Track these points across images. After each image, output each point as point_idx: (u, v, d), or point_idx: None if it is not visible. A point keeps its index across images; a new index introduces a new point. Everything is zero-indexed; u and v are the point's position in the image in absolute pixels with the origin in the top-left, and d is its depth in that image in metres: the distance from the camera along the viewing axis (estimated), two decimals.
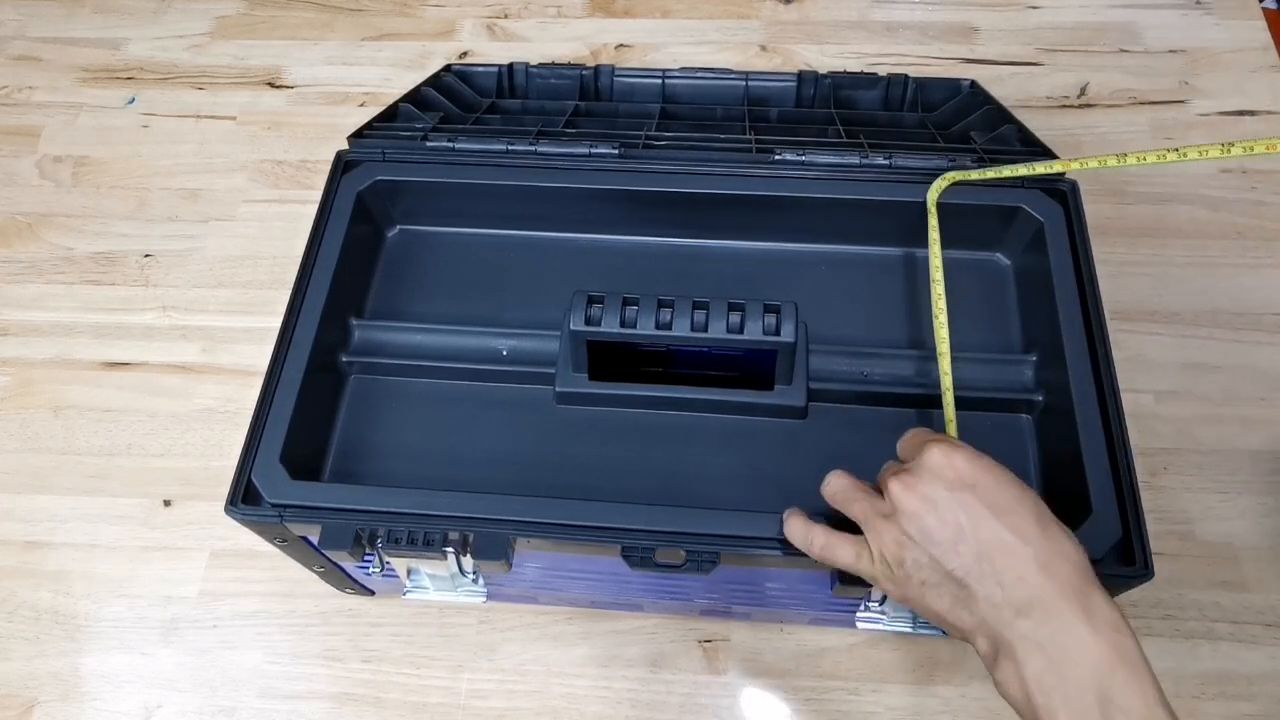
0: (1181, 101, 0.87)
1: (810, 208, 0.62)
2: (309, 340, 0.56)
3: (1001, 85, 0.88)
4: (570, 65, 0.77)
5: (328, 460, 0.58)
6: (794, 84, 0.75)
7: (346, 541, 0.50)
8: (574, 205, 0.63)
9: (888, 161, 0.62)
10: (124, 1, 1.02)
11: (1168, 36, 0.91)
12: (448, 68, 0.76)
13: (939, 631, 0.56)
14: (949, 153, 0.62)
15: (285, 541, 0.54)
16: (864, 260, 0.64)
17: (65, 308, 0.82)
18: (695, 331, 0.54)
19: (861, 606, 0.57)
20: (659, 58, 0.94)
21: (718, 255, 0.65)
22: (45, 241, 0.86)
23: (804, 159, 0.62)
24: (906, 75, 0.74)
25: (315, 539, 0.53)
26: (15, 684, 0.66)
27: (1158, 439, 0.70)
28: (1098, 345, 0.54)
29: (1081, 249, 0.57)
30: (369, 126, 0.66)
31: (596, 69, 0.76)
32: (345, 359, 0.60)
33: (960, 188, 0.60)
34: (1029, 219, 0.59)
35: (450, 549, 0.51)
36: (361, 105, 0.92)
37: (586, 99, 0.76)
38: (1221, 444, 0.69)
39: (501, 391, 0.59)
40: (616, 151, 0.63)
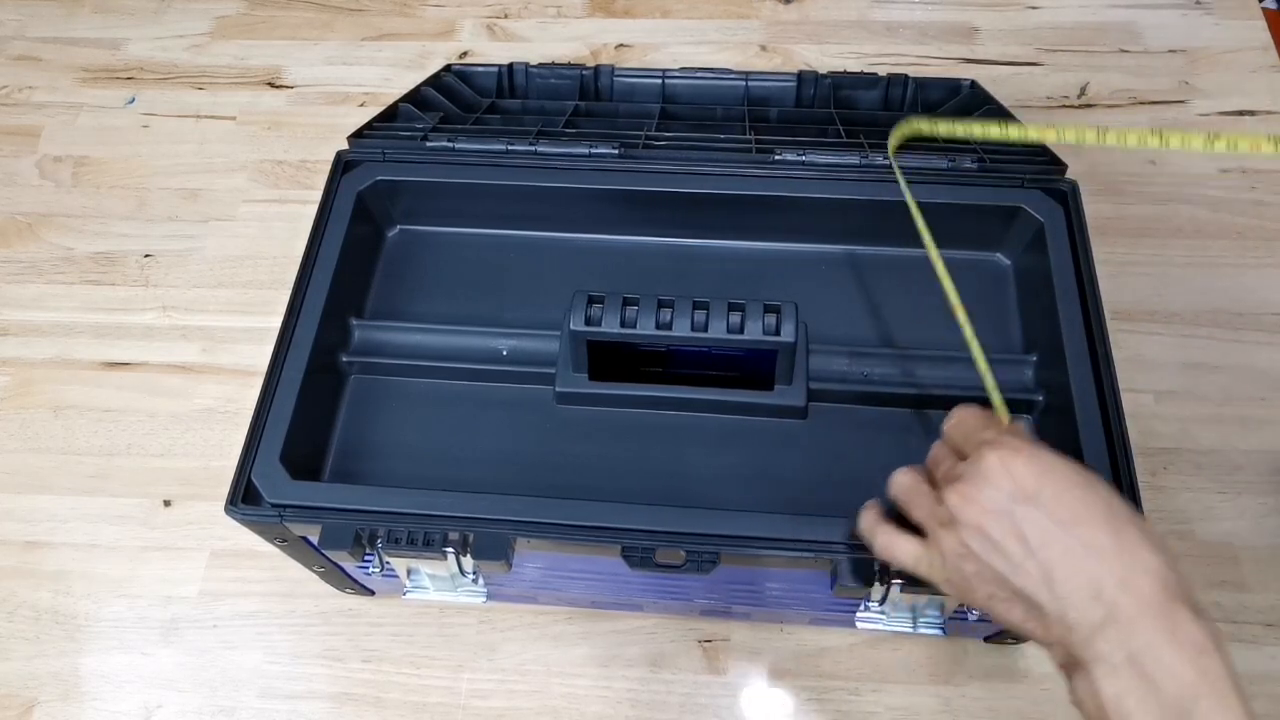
0: (1181, 101, 0.87)
1: (810, 208, 0.62)
2: (309, 340, 0.56)
3: (1001, 85, 0.88)
4: (570, 65, 0.77)
5: (328, 460, 0.58)
6: (794, 84, 0.75)
7: (346, 541, 0.50)
8: (574, 205, 0.63)
9: (887, 161, 0.62)
10: (124, 1, 1.02)
11: (1168, 36, 0.91)
12: (448, 68, 0.76)
13: (939, 631, 0.56)
14: (949, 152, 0.62)
15: (285, 541, 0.54)
16: (864, 260, 0.64)
17: (65, 308, 0.82)
18: (695, 331, 0.54)
19: (861, 606, 0.57)
20: (659, 58, 0.94)
21: (718, 255, 0.65)
22: (45, 241, 0.86)
23: (804, 159, 0.62)
24: (906, 75, 0.74)
25: (315, 539, 0.53)
26: (15, 684, 0.66)
27: (1158, 439, 0.70)
28: (1098, 345, 0.54)
29: (1081, 249, 0.57)
30: (369, 126, 0.66)
31: (596, 69, 0.76)
32: (345, 359, 0.60)
33: (960, 188, 0.60)
34: (1029, 219, 0.59)
35: (450, 549, 0.51)
36: (361, 105, 0.92)
37: (586, 99, 0.76)
38: (1221, 444, 0.69)
39: (501, 391, 0.59)
40: (616, 151, 0.63)
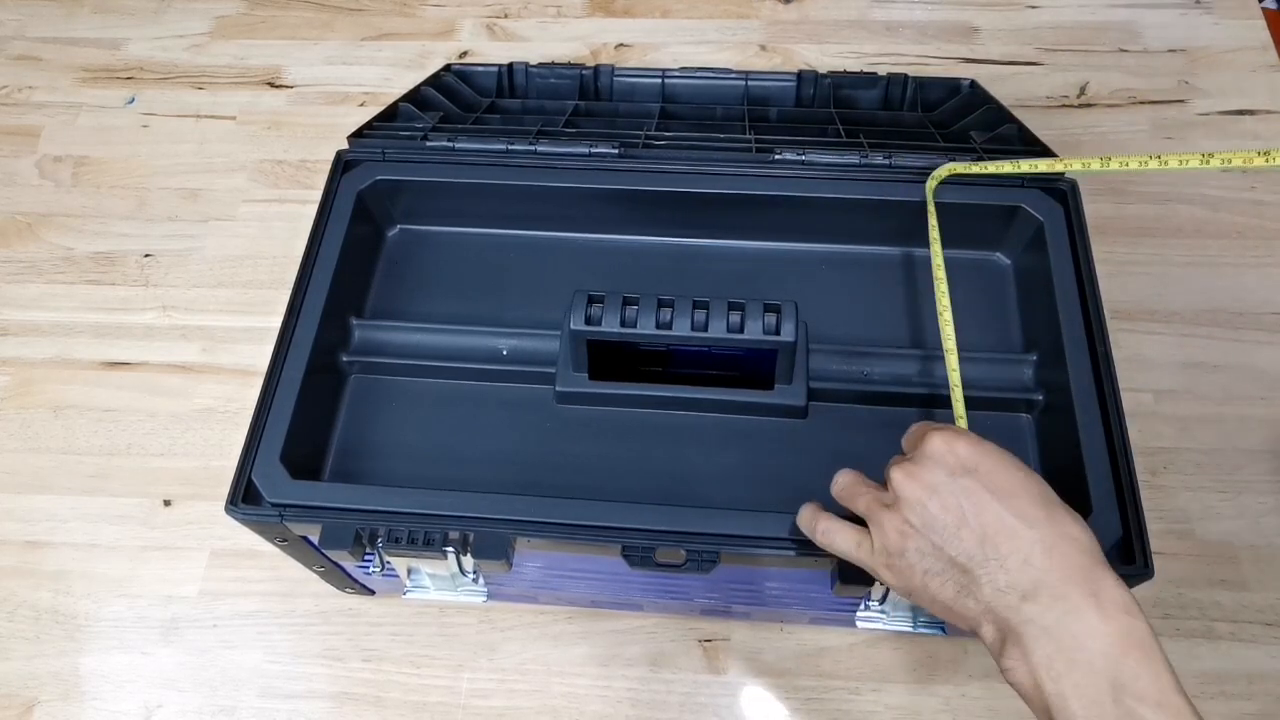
0: (1181, 101, 0.87)
1: (810, 207, 0.62)
2: (309, 340, 0.56)
3: (1001, 85, 0.88)
4: (570, 65, 0.77)
5: (328, 460, 0.58)
6: (794, 84, 0.75)
7: (347, 541, 0.50)
8: (574, 205, 0.63)
9: (887, 161, 0.62)
10: (124, 1, 1.02)
11: (1167, 36, 0.91)
12: (448, 67, 0.76)
13: (939, 631, 0.56)
14: (949, 152, 0.62)
15: (285, 541, 0.54)
16: (864, 260, 0.64)
17: (65, 308, 0.82)
18: (695, 331, 0.54)
19: (861, 606, 0.57)
20: (659, 57, 0.94)
21: (718, 255, 0.65)
22: (45, 241, 0.86)
23: (804, 159, 0.62)
24: (906, 75, 0.74)
25: (315, 539, 0.53)
26: (15, 684, 0.66)
27: (1158, 439, 0.70)
28: (1098, 345, 0.54)
29: (1081, 248, 0.57)
30: (369, 126, 0.66)
31: (596, 69, 0.76)
32: (345, 359, 0.60)
33: (960, 188, 0.60)
34: (1029, 218, 0.59)
35: (450, 549, 0.51)
36: (361, 105, 0.92)
37: (586, 99, 0.76)
38: (1221, 443, 0.69)
39: (501, 391, 0.59)
40: (616, 151, 0.63)
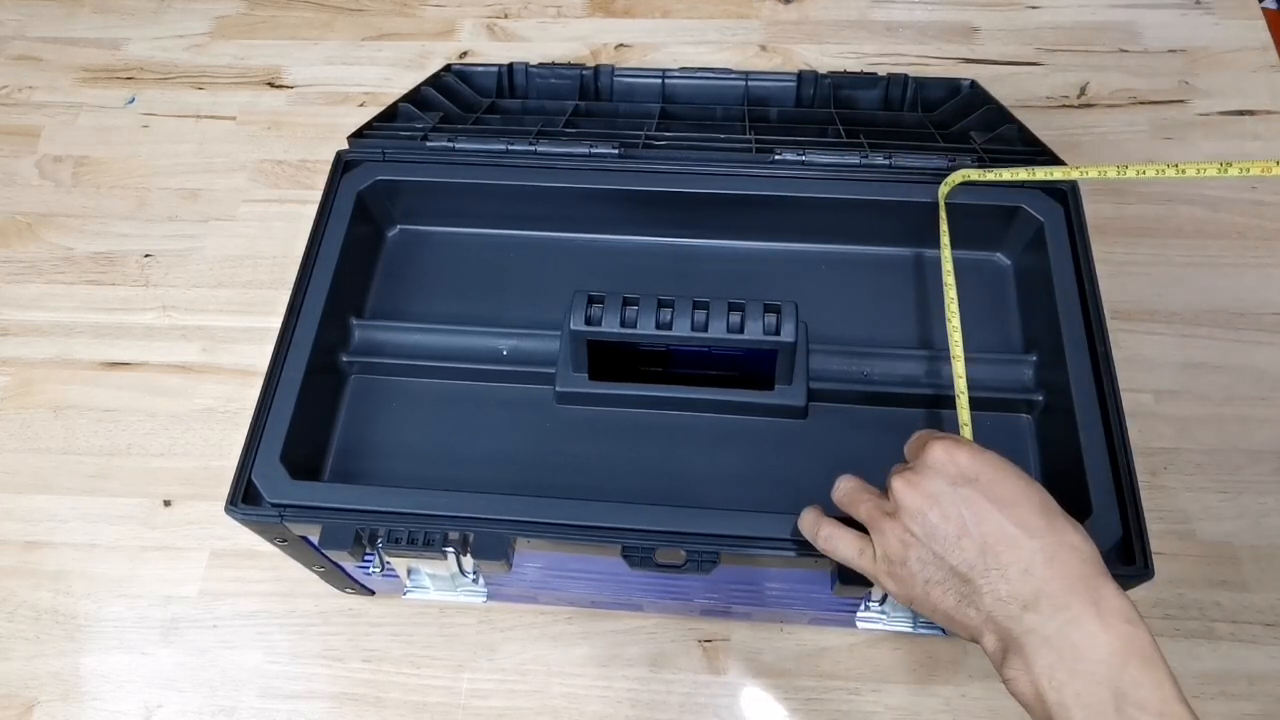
0: (1181, 101, 0.87)
1: (810, 207, 0.62)
2: (309, 340, 0.56)
3: (1001, 85, 0.88)
4: (570, 65, 0.77)
5: (328, 460, 0.58)
6: (794, 84, 0.75)
7: (346, 541, 0.50)
8: (574, 205, 0.63)
9: (887, 161, 0.62)
10: (124, 1, 1.02)
11: (1168, 36, 0.91)
12: (448, 68, 0.76)
13: (939, 631, 0.56)
14: (949, 152, 0.62)
15: (285, 541, 0.54)
16: (864, 260, 0.64)
17: (65, 308, 0.82)
18: (695, 331, 0.54)
19: (862, 606, 0.57)
20: (659, 58, 0.94)
21: (718, 255, 0.65)
22: (45, 241, 0.86)
23: (804, 159, 0.62)
24: (906, 75, 0.74)
25: (315, 539, 0.53)
26: (15, 684, 0.66)
27: (1158, 439, 0.70)
28: (1098, 345, 0.54)
29: (1081, 249, 0.57)
30: (369, 126, 0.66)
31: (596, 69, 0.76)
32: (345, 359, 0.60)
33: (960, 187, 0.60)
34: (1029, 219, 0.59)
35: (450, 549, 0.51)
36: (361, 105, 0.92)
37: (586, 99, 0.76)
38: (1221, 444, 0.69)
39: (501, 391, 0.59)
40: (616, 151, 0.63)
